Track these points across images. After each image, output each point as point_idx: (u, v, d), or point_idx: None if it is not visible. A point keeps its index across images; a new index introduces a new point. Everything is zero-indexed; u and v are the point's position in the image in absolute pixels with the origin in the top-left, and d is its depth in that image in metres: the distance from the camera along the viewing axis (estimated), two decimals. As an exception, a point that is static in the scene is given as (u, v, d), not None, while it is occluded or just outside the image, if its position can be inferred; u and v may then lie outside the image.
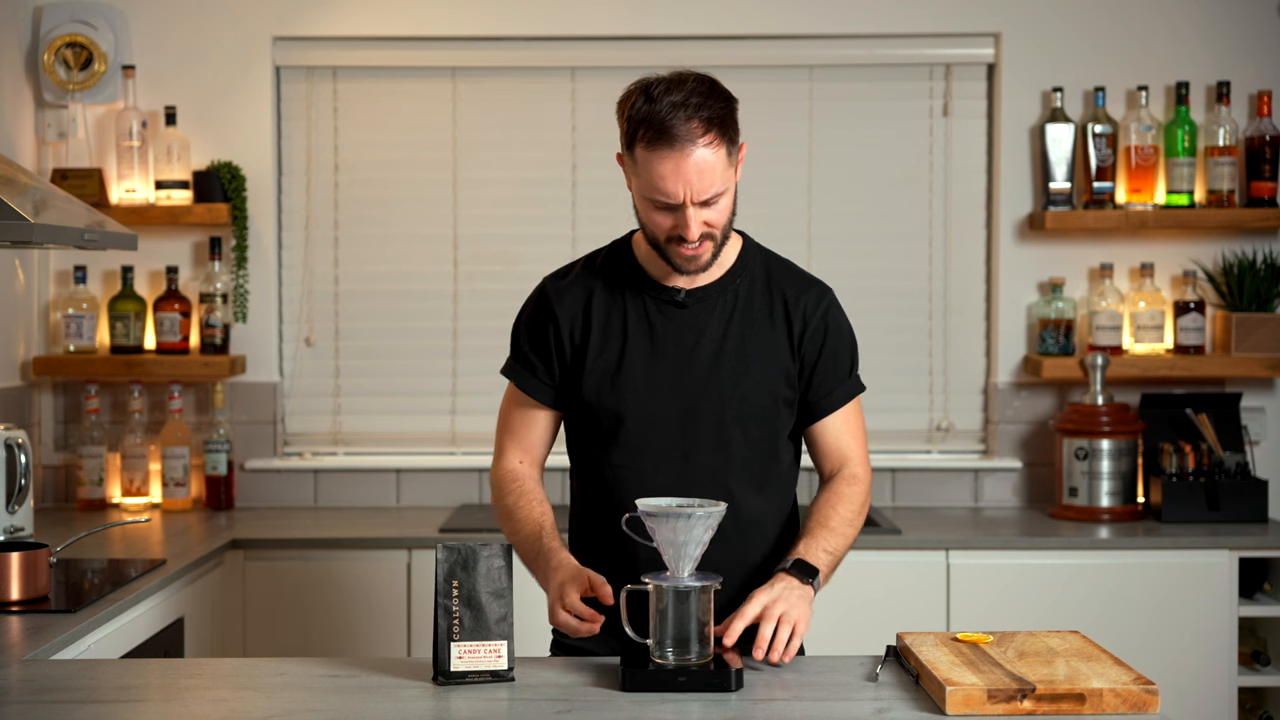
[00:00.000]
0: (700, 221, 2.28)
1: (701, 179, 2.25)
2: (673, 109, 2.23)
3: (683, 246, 2.31)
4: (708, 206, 2.29)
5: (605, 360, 2.41)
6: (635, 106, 2.27)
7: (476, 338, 4.23)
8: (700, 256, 2.33)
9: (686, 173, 2.24)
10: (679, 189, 2.25)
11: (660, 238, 2.33)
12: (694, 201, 2.26)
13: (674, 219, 2.29)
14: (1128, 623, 3.65)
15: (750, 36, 4.17)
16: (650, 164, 2.25)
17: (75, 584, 3.02)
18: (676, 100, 2.23)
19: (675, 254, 2.33)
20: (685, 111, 2.23)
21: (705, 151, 2.24)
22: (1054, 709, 2.01)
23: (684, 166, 2.24)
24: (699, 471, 2.39)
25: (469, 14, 4.16)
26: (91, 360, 4.06)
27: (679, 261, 2.34)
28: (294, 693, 2.12)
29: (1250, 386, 4.17)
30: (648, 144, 2.25)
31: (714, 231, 2.32)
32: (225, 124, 4.16)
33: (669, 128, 2.22)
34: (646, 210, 2.32)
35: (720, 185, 2.27)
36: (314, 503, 4.20)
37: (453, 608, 2.12)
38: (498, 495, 2.50)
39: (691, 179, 2.25)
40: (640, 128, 2.25)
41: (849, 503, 2.44)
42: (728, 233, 2.37)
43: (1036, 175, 4.16)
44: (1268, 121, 4.05)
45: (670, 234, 2.31)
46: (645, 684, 2.11)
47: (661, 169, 2.25)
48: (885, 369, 4.19)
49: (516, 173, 4.23)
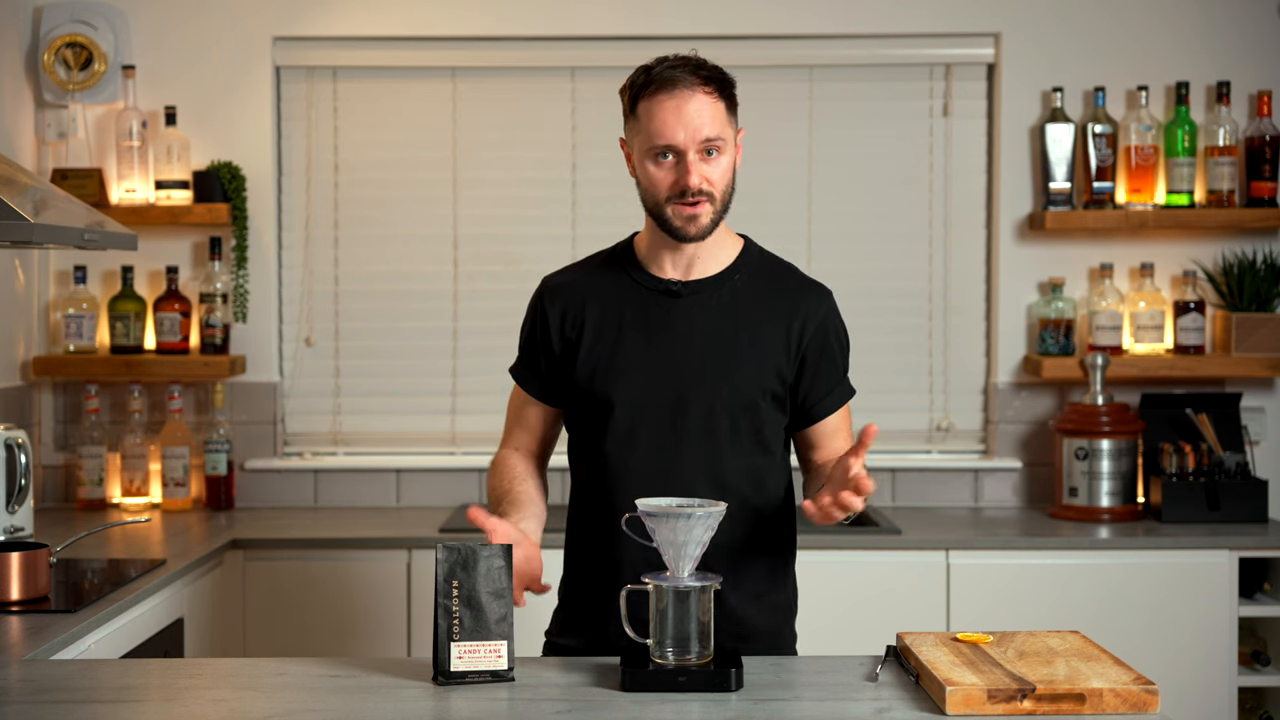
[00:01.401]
0: (701, 175, 2.34)
1: (702, 121, 2.33)
2: (673, 68, 2.36)
3: (682, 204, 2.36)
4: (708, 160, 2.35)
5: (599, 349, 2.45)
6: (636, 77, 2.39)
7: (476, 338, 4.23)
8: (699, 217, 2.37)
9: (687, 115, 2.33)
10: (679, 132, 2.33)
11: (661, 197, 2.37)
12: (695, 144, 2.33)
13: (675, 172, 2.35)
14: (1128, 623, 3.65)
15: (750, 36, 4.17)
16: (652, 112, 2.34)
17: (75, 584, 3.02)
18: (675, 63, 2.37)
19: (676, 214, 2.37)
20: (686, 69, 2.36)
21: (705, 98, 2.35)
22: (1054, 709, 2.01)
23: (685, 109, 2.33)
24: (688, 460, 2.40)
25: (469, 14, 4.16)
26: (91, 360, 4.06)
27: (679, 224, 2.38)
28: (294, 693, 2.12)
29: (1250, 386, 4.17)
30: (650, 95, 2.35)
31: (713, 191, 2.37)
32: (225, 124, 4.16)
33: (670, 78, 2.34)
34: (648, 172, 2.38)
35: (720, 134, 2.35)
36: (314, 503, 4.20)
37: (453, 608, 2.12)
38: (489, 475, 2.58)
39: (692, 120, 2.33)
40: (642, 88, 2.36)
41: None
42: (726, 203, 2.40)
43: (1036, 175, 4.16)
44: (1268, 121, 4.05)
45: (670, 191, 2.36)
46: (645, 684, 2.11)
47: (663, 114, 2.33)
48: (885, 369, 4.19)
49: (516, 173, 4.24)
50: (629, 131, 2.41)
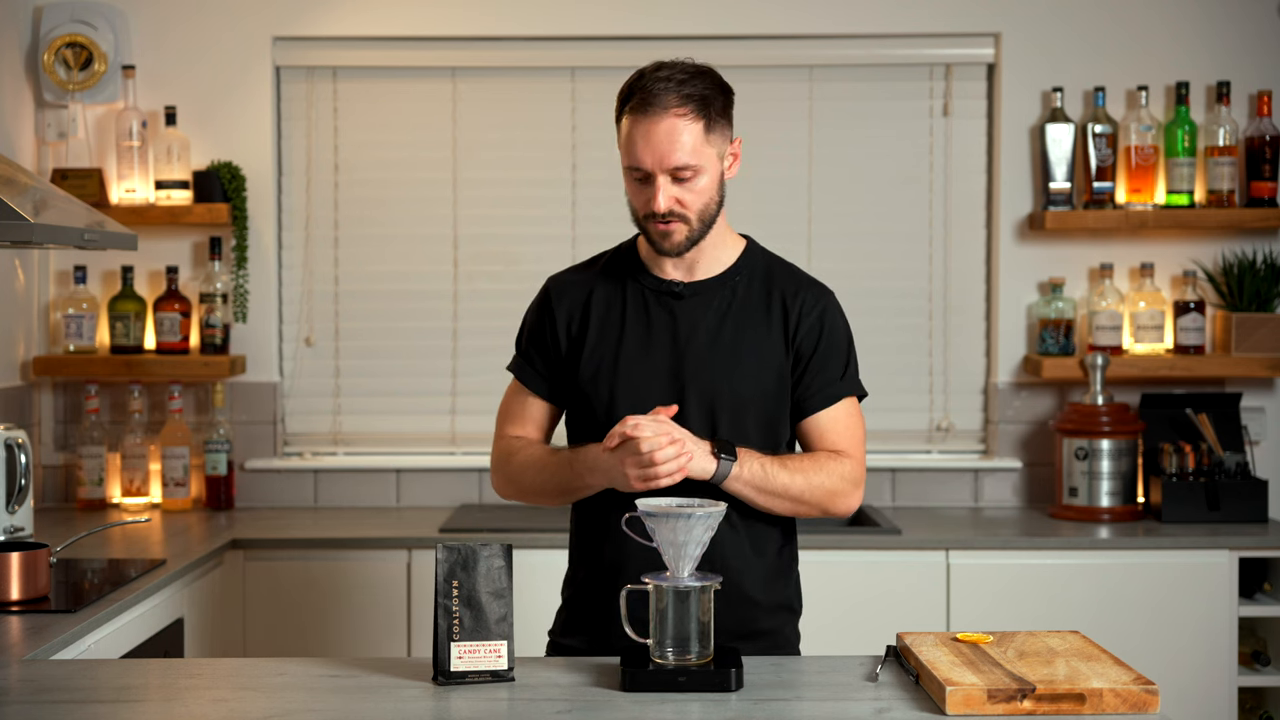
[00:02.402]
0: (670, 196, 2.34)
1: (670, 147, 2.32)
2: (655, 82, 2.33)
3: (655, 222, 2.37)
4: (680, 183, 2.35)
5: (601, 350, 2.45)
6: (626, 84, 2.38)
7: (476, 338, 4.23)
8: (671, 235, 2.38)
9: (655, 139, 2.32)
10: (646, 156, 2.33)
11: (639, 214, 2.40)
12: (662, 169, 2.32)
13: (646, 193, 2.36)
14: (1128, 623, 3.65)
15: (750, 36, 4.17)
16: (628, 132, 2.36)
17: (75, 584, 3.02)
18: (662, 76, 2.34)
19: (652, 231, 2.39)
20: (667, 85, 2.33)
21: (677, 121, 2.32)
22: (1054, 709, 2.01)
23: (654, 133, 2.32)
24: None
25: (469, 14, 4.16)
26: (91, 360, 4.06)
27: (655, 239, 2.40)
28: (294, 693, 2.12)
29: (1250, 386, 4.17)
30: (629, 112, 2.35)
31: (686, 213, 2.37)
32: (225, 124, 4.16)
33: (647, 96, 2.32)
34: (628, 186, 2.40)
35: (691, 160, 2.33)
36: (314, 503, 4.20)
37: (453, 608, 2.12)
38: (503, 463, 2.52)
39: (659, 146, 2.32)
40: (626, 100, 2.36)
41: (818, 461, 2.41)
42: (706, 219, 2.40)
43: (1036, 175, 4.16)
44: (1268, 121, 4.05)
45: (644, 210, 2.38)
46: (645, 684, 2.11)
47: (634, 135, 2.34)
48: (885, 369, 4.19)
49: (516, 173, 4.24)
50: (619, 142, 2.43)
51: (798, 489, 2.38)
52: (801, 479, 2.39)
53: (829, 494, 2.41)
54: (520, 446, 2.51)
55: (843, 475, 2.43)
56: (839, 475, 2.42)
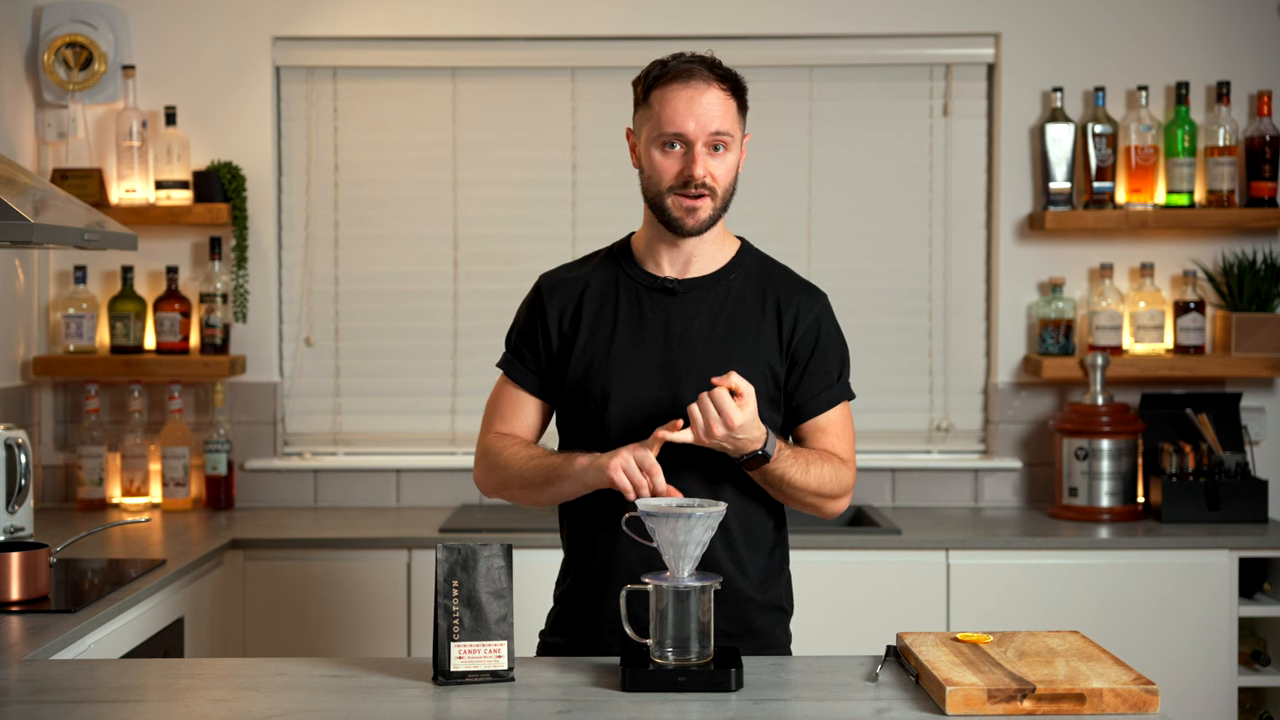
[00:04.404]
0: (706, 167, 2.37)
1: (714, 114, 2.37)
2: (689, 62, 2.41)
3: (684, 195, 2.38)
4: (714, 155, 2.38)
5: (594, 346, 2.45)
6: (651, 68, 2.43)
7: (476, 338, 4.23)
8: (699, 210, 2.39)
9: (699, 107, 2.37)
10: (690, 121, 2.36)
11: (664, 186, 2.40)
12: (704, 135, 2.36)
13: (681, 162, 2.38)
14: (1128, 623, 3.65)
15: (750, 36, 4.17)
16: (665, 99, 2.38)
17: (75, 584, 3.02)
18: (692, 59, 2.41)
19: (676, 204, 2.39)
20: (703, 64, 2.39)
21: (719, 93, 2.39)
22: (1054, 709, 2.01)
23: (698, 101, 2.37)
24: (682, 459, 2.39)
25: (469, 14, 4.16)
26: (91, 360, 4.06)
27: (678, 214, 2.40)
28: (294, 693, 2.12)
29: (1250, 386, 4.17)
30: (664, 84, 2.39)
31: (715, 186, 2.39)
32: (225, 124, 4.16)
33: (687, 70, 2.39)
34: (653, 160, 2.40)
35: (729, 129, 2.38)
36: (314, 503, 4.20)
37: (453, 608, 2.13)
38: (490, 461, 2.50)
39: (704, 111, 2.36)
40: (657, 78, 2.40)
41: (828, 459, 2.43)
42: (726, 200, 2.43)
43: (1036, 175, 4.16)
44: (1268, 121, 4.05)
45: (674, 181, 2.38)
46: (645, 684, 2.11)
47: (676, 102, 2.37)
48: (885, 369, 4.19)
49: (516, 173, 4.24)
50: (638, 121, 2.44)
51: (811, 476, 2.40)
52: (830, 471, 2.42)
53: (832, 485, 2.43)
54: (507, 444, 2.50)
55: (843, 477, 2.46)
56: (841, 475, 2.45)
